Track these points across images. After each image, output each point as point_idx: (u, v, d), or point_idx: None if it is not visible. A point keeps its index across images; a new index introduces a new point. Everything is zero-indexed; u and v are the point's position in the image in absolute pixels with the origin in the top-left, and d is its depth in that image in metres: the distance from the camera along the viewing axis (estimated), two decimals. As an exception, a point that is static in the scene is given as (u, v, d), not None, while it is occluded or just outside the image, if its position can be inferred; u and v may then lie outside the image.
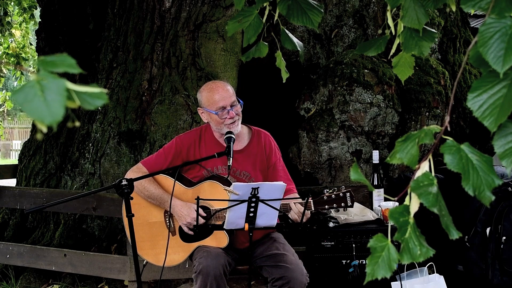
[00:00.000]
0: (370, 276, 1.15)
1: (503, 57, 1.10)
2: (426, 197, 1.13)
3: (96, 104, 0.97)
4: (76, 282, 4.68)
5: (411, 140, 1.20)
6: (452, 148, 1.15)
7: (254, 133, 3.36)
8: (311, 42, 5.37)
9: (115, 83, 5.10)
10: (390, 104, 4.75)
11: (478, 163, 1.14)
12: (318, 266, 3.67)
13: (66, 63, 0.97)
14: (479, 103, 1.14)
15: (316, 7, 1.69)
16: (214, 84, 3.27)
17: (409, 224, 1.15)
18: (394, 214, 1.16)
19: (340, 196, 3.07)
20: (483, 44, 1.12)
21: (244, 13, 1.74)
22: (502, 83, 1.13)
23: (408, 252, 1.14)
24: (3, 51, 10.03)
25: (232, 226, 2.97)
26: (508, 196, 3.98)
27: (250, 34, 1.73)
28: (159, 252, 3.23)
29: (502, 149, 1.13)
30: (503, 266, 3.90)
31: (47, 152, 5.49)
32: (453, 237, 1.15)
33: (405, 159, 1.19)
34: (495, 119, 1.11)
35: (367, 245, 1.17)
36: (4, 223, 5.45)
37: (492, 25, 1.12)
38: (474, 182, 1.13)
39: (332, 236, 3.65)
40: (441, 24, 5.44)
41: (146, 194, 3.21)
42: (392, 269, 1.14)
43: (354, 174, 1.20)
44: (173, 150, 3.27)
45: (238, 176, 3.27)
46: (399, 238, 1.14)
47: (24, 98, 0.92)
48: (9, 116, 24.30)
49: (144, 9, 5.10)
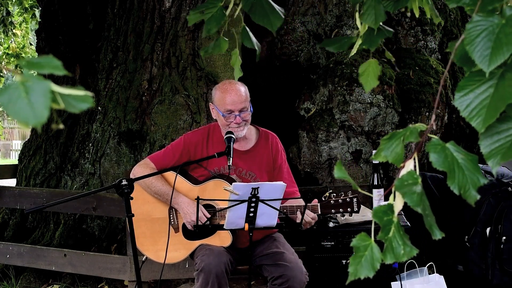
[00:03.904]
0: (352, 276, 1.13)
1: (489, 56, 1.08)
2: (410, 197, 1.11)
3: (80, 107, 0.96)
4: (76, 282, 4.68)
5: (396, 138, 1.19)
6: (437, 147, 1.14)
7: (262, 134, 3.36)
8: (311, 42, 5.36)
9: (115, 83, 5.10)
10: (390, 104, 4.75)
11: (463, 161, 1.13)
12: (318, 266, 3.67)
13: (51, 64, 0.96)
14: (466, 103, 1.12)
15: (278, 11, 1.70)
16: (230, 85, 3.22)
17: (392, 223, 1.13)
18: (378, 213, 1.15)
19: (347, 201, 3.09)
20: (470, 43, 1.10)
21: (208, 4, 1.73)
22: (488, 83, 1.11)
23: (392, 251, 1.12)
24: (4, 51, 10.03)
25: (232, 226, 2.97)
26: (508, 196, 3.98)
27: (211, 26, 1.72)
28: (160, 248, 3.23)
29: (488, 149, 1.12)
30: (503, 266, 3.90)
31: (47, 152, 5.49)
32: (436, 237, 1.13)
33: (390, 157, 1.18)
34: (483, 120, 1.09)
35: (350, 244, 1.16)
36: (4, 223, 5.45)
37: (479, 23, 1.11)
38: (460, 181, 1.12)
39: (332, 236, 3.65)
40: (441, 24, 5.44)
41: (153, 190, 3.22)
42: (375, 268, 1.12)
43: (338, 172, 1.19)
44: (181, 148, 3.27)
45: (243, 176, 3.28)
46: (383, 237, 1.13)
47: (8, 100, 0.91)
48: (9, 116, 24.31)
49: (144, 9, 5.10)
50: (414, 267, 3.61)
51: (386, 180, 4.68)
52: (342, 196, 3.10)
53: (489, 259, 3.91)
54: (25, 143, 5.99)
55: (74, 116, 5.42)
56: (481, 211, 3.98)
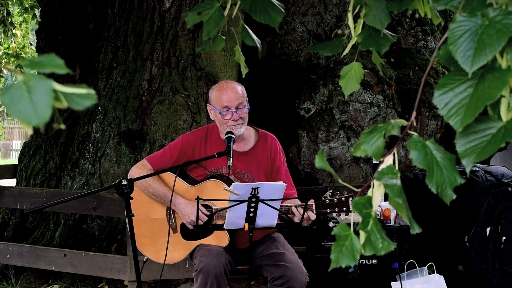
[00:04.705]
0: (334, 264, 1.14)
1: (472, 57, 1.08)
2: (391, 188, 1.12)
3: (84, 104, 0.96)
4: (76, 282, 4.68)
5: (377, 132, 1.18)
6: (418, 144, 1.14)
7: (261, 135, 3.36)
8: (311, 42, 5.37)
9: (115, 83, 5.10)
10: (390, 104, 4.76)
11: (442, 160, 1.13)
12: (318, 266, 3.67)
13: (53, 63, 0.96)
14: (445, 101, 1.12)
15: (277, 6, 1.69)
16: (226, 83, 3.25)
17: (371, 217, 1.14)
18: (358, 205, 1.15)
19: (342, 200, 3.07)
20: (453, 43, 1.10)
21: (205, 5, 1.73)
22: (468, 82, 1.11)
23: (371, 244, 1.13)
24: (4, 51, 10.03)
25: (232, 226, 2.97)
26: (508, 196, 3.98)
27: (210, 27, 1.72)
28: (160, 248, 3.23)
29: (463, 148, 1.12)
30: (503, 266, 3.90)
31: (47, 152, 5.50)
32: (414, 232, 1.14)
33: (370, 151, 1.18)
34: (461, 119, 1.09)
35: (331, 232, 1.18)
36: (4, 223, 5.45)
37: (462, 23, 1.10)
38: (438, 180, 1.12)
39: (332, 236, 3.65)
40: (441, 24, 5.45)
41: (150, 191, 3.22)
42: (355, 258, 1.13)
43: (319, 161, 1.19)
44: (178, 149, 3.27)
45: (241, 178, 3.27)
46: (362, 228, 1.14)
47: (10, 99, 0.91)
48: (9, 116, 24.31)
49: (144, 9, 5.10)
50: (414, 267, 3.60)
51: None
52: (338, 195, 3.09)
53: (489, 259, 3.91)
54: (25, 143, 5.99)
55: (74, 116, 5.42)
56: (481, 211, 3.98)
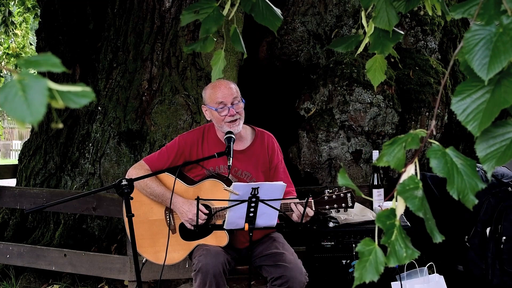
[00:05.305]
0: (358, 280, 1.17)
1: (487, 65, 1.10)
2: (412, 201, 1.15)
3: (81, 102, 0.96)
4: (76, 282, 4.68)
5: (397, 144, 1.22)
6: (438, 153, 1.17)
7: (258, 134, 3.36)
8: (311, 42, 5.36)
9: (115, 83, 5.10)
10: (390, 104, 4.75)
11: (462, 167, 1.16)
12: (318, 266, 3.67)
13: (49, 62, 0.96)
14: (462, 107, 1.15)
15: (276, 13, 1.73)
16: (218, 82, 3.25)
17: (395, 227, 1.17)
18: (381, 217, 1.18)
19: (341, 196, 3.07)
20: (468, 52, 1.13)
21: (202, 4, 1.73)
22: (485, 88, 1.14)
23: (395, 254, 1.16)
24: (4, 51, 10.03)
25: (232, 226, 2.97)
26: (508, 196, 3.98)
27: (209, 25, 1.72)
28: (159, 250, 3.23)
29: (483, 153, 1.15)
30: (503, 266, 3.89)
31: (47, 152, 5.49)
32: (437, 241, 1.17)
33: (392, 162, 1.21)
34: (479, 124, 1.12)
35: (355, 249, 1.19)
36: (4, 223, 5.45)
37: (477, 32, 1.13)
38: (459, 186, 1.15)
39: (332, 236, 3.65)
40: (441, 24, 5.44)
41: (148, 192, 3.22)
42: (380, 272, 1.16)
43: (342, 179, 1.23)
44: (175, 149, 3.27)
45: (239, 176, 3.27)
46: (386, 241, 1.17)
47: (5, 97, 0.91)
48: (9, 116, 24.29)
49: (144, 9, 5.10)
50: (414, 267, 3.60)
51: (386, 180, 4.68)
52: (336, 191, 3.09)
53: (489, 259, 3.91)
54: (25, 143, 5.98)
55: (74, 116, 5.42)
56: (481, 211, 3.98)
